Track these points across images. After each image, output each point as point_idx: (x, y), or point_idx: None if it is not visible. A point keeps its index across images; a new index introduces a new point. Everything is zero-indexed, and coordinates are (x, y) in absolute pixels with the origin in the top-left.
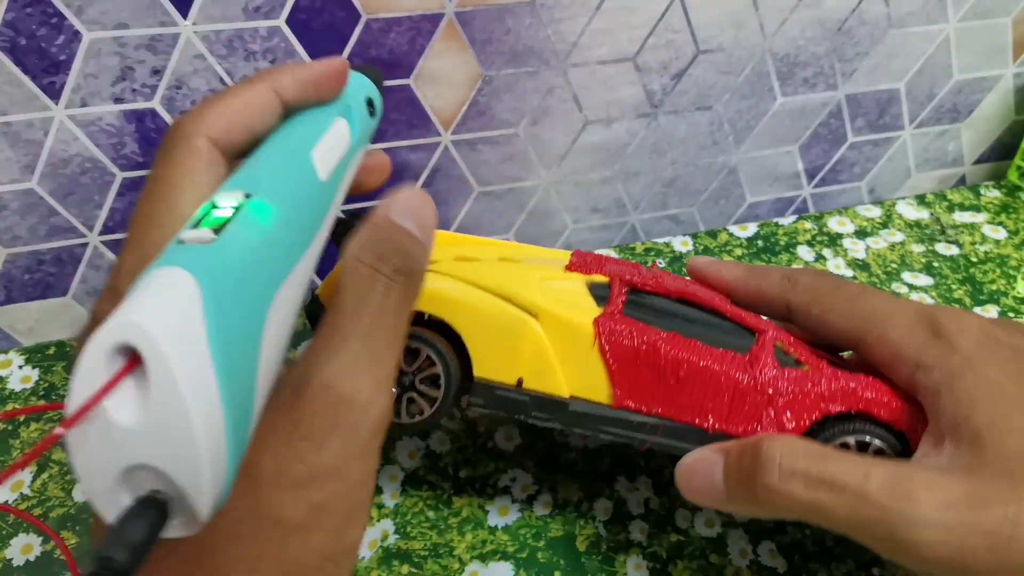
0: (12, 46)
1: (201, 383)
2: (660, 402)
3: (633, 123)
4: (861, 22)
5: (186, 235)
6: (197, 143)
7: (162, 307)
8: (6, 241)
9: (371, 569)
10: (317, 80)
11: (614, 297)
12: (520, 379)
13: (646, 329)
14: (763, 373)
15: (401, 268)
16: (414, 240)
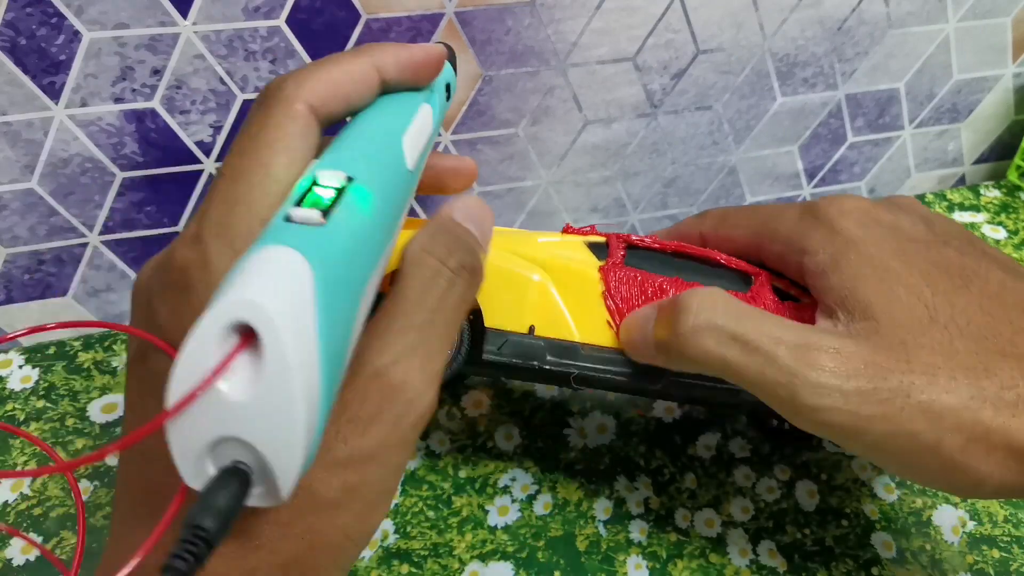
0: (12, 46)
1: (309, 367)
2: None
3: (633, 123)
4: (861, 22)
5: (295, 213)
6: (298, 107)
7: (280, 288)
8: (6, 241)
9: (371, 569)
10: (418, 65)
11: (613, 251)
12: (532, 326)
13: (649, 276)
14: (766, 306)
15: (466, 264)
16: (475, 241)
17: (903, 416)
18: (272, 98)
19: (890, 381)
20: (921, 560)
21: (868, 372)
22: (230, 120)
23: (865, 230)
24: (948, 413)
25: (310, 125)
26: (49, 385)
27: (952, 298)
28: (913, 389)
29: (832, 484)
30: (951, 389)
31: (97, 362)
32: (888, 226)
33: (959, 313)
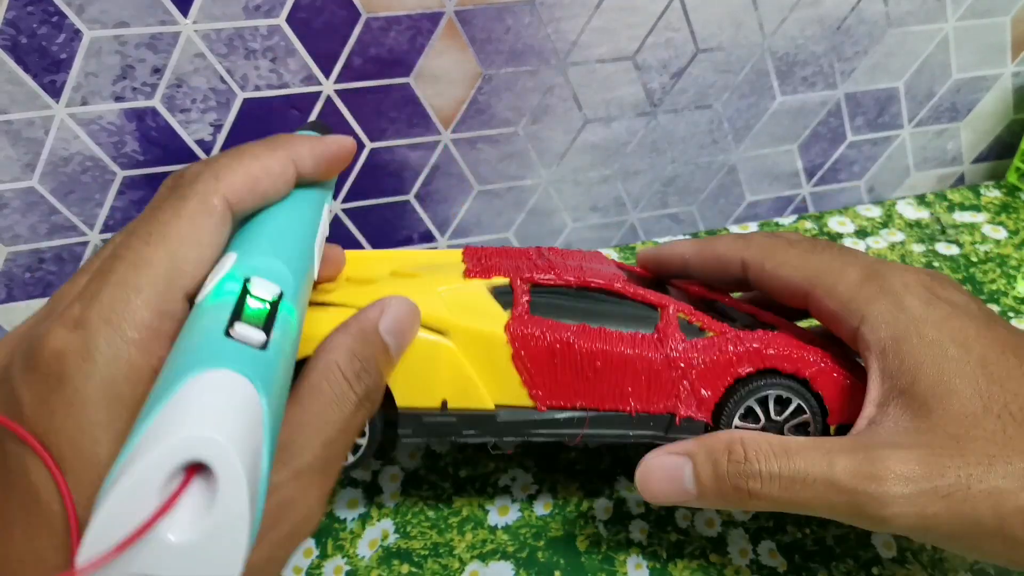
0: (13, 45)
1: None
2: (582, 396)
3: (633, 122)
4: (860, 21)
5: (239, 330)
6: (214, 201)
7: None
8: (7, 239)
9: (371, 568)
10: (332, 159)
11: (518, 298)
12: (444, 401)
13: (556, 326)
14: (673, 348)
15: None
16: (390, 361)
17: (966, 507)
18: (189, 188)
19: (948, 477)
20: (922, 560)
21: (926, 472)
22: (230, 119)
23: (928, 308)
24: (1008, 497)
25: (225, 221)
26: None
27: (1006, 383)
28: (972, 480)
29: None
30: (1008, 474)
31: None
32: (947, 303)
33: (1012, 399)
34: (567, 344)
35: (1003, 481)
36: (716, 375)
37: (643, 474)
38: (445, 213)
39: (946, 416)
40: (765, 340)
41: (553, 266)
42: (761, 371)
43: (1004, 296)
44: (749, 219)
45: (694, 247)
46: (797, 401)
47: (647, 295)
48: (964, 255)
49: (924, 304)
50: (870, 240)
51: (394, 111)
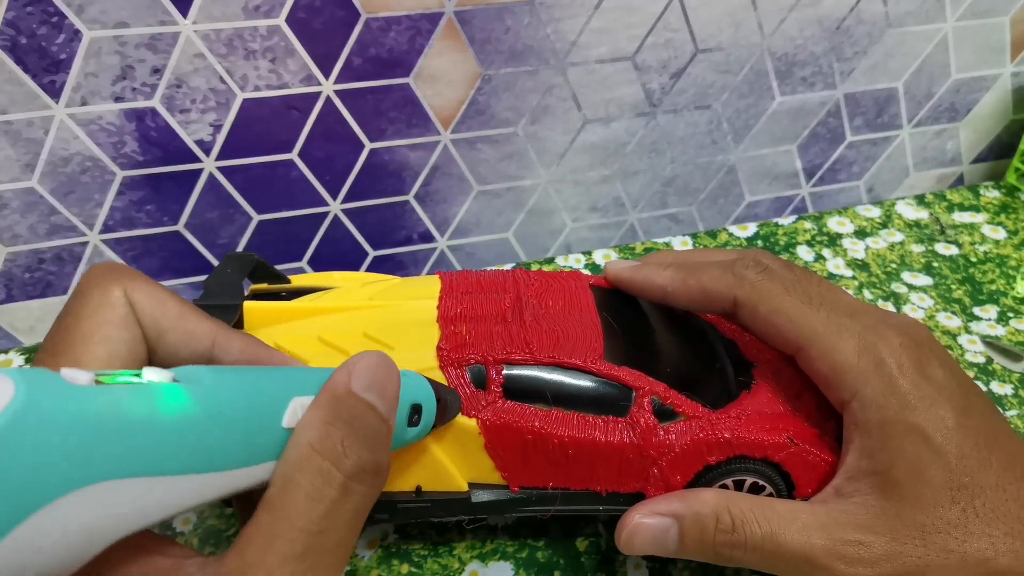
0: (13, 45)
1: None
2: (553, 477)
3: (632, 122)
4: (859, 21)
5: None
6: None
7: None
8: (7, 240)
9: (371, 568)
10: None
11: (491, 381)
12: (418, 486)
13: (528, 415)
14: (644, 436)
15: (366, 464)
16: (379, 419)
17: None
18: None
19: (907, 565)
20: None
21: (889, 559)
22: (230, 119)
23: (916, 393)
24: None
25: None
26: None
27: (977, 477)
28: (928, 571)
29: None
30: (959, 567)
31: None
32: (934, 385)
33: (979, 493)
34: (539, 434)
35: (955, 574)
36: (687, 462)
37: (628, 534)
38: (445, 213)
39: (916, 504)
40: (736, 428)
41: (528, 337)
42: (731, 457)
43: (1004, 296)
44: (748, 219)
45: (678, 279)
46: (763, 484)
47: (621, 375)
48: (963, 255)
49: (914, 387)
50: (869, 240)
51: (394, 111)
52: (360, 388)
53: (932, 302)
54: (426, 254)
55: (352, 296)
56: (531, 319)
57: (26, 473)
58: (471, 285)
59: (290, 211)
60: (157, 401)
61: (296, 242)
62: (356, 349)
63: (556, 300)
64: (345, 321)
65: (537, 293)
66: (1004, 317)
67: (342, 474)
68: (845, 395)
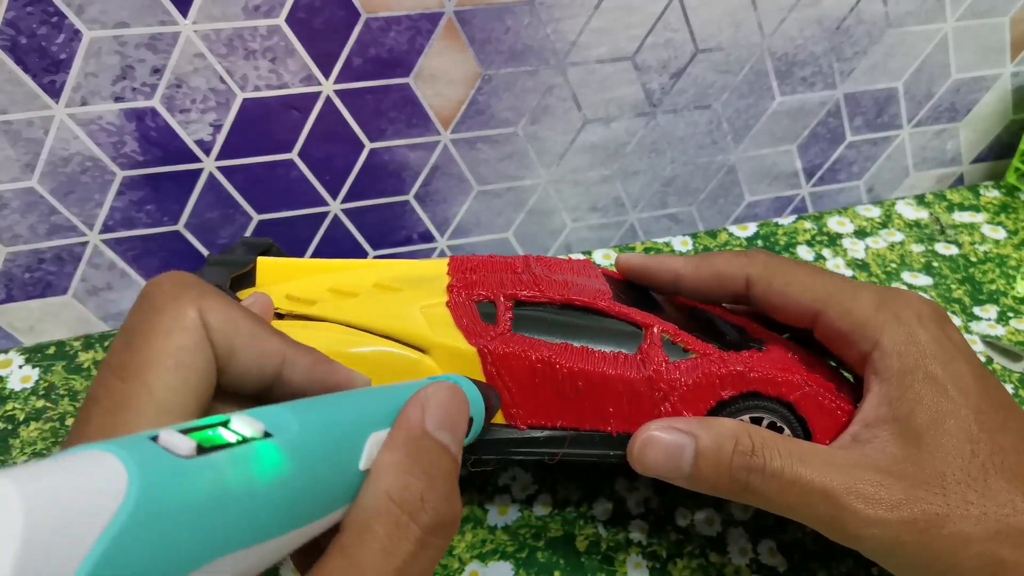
0: (13, 45)
1: None
2: (562, 415)
3: (632, 122)
4: (859, 21)
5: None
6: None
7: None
8: (6, 240)
9: None
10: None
11: (501, 315)
12: None
13: (537, 345)
14: (655, 370)
15: (443, 519)
16: (452, 462)
17: (935, 544)
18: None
19: (927, 512)
20: None
21: (909, 503)
22: (230, 119)
23: (937, 346)
24: (974, 544)
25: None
26: (49, 385)
27: (995, 435)
28: (947, 521)
29: None
30: (979, 521)
31: (97, 362)
32: (952, 343)
33: (998, 451)
34: (548, 363)
35: (974, 528)
36: (698, 397)
37: (641, 445)
38: (445, 213)
39: (936, 452)
40: (749, 362)
41: (539, 281)
42: (744, 393)
43: (1004, 296)
44: (748, 219)
45: (691, 263)
46: (780, 424)
47: (631, 314)
48: (963, 255)
49: (934, 341)
50: (869, 240)
51: (394, 111)
52: (434, 427)
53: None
54: (426, 254)
55: (360, 276)
56: (542, 272)
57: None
58: (479, 263)
59: (290, 211)
60: (255, 467)
61: (296, 242)
62: (366, 294)
63: (564, 271)
64: (356, 274)
65: (546, 264)
66: (1004, 317)
67: (420, 528)
68: (866, 346)
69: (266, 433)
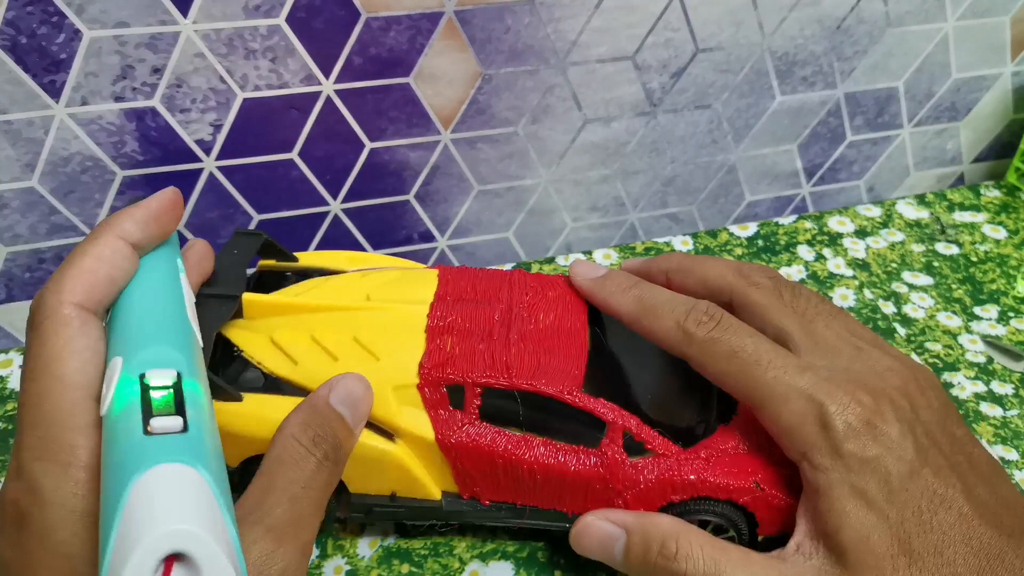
0: (13, 45)
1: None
2: (522, 497)
3: (632, 121)
4: (860, 21)
5: (156, 424)
6: (65, 312)
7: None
8: (7, 239)
9: (371, 568)
10: (157, 216)
11: (468, 403)
12: (393, 492)
13: (500, 438)
14: (611, 470)
15: (330, 455)
16: (346, 429)
17: None
18: (39, 315)
19: None
20: None
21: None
22: (230, 118)
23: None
24: None
25: (85, 321)
26: None
27: (915, 542)
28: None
29: None
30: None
31: None
32: (882, 445)
33: (916, 559)
34: (510, 458)
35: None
36: (650, 498)
37: (579, 531)
38: (445, 213)
39: (858, 567)
40: (703, 469)
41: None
42: (695, 497)
43: (1004, 296)
44: (749, 219)
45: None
46: (726, 526)
47: (596, 408)
48: (964, 255)
49: (859, 449)
50: (870, 240)
51: (394, 111)
52: (336, 401)
53: (932, 302)
54: (426, 254)
55: (349, 292)
56: (517, 337)
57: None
58: (465, 290)
59: (290, 211)
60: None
61: (296, 242)
62: (345, 353)
63: (548, 313)
64: (338, 322)
65: (530, 305)
66: (1005, 317)
67: (316, 456)
68: (795, 456)
69: (179, 374)
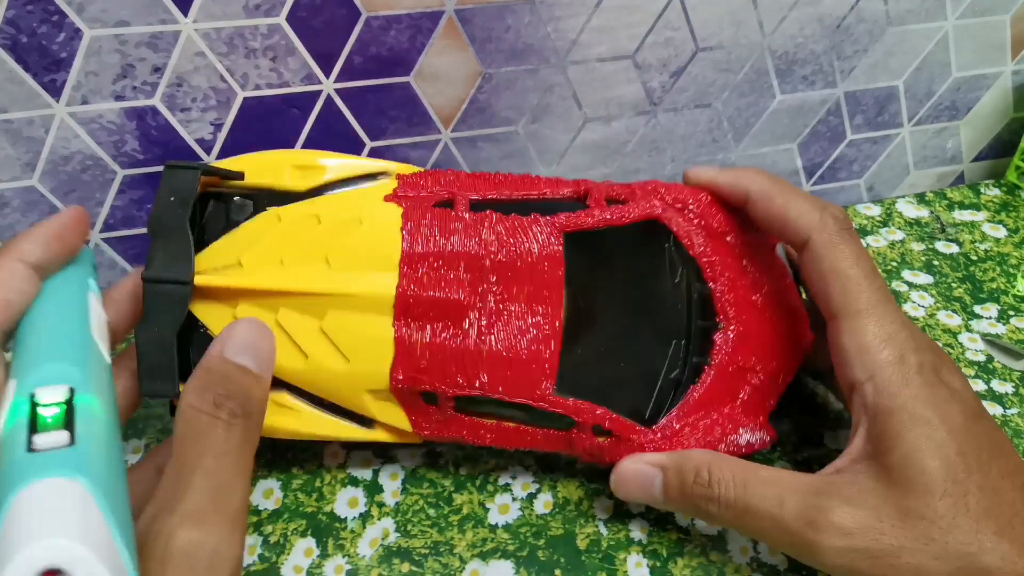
0: (13, 44)
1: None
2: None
3: (632, 120)
4: (860, 19)
5: (39, 441)
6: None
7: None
8: (7, 239)
9: (371, 567)
10: (59, 235)
11: (442, 404)
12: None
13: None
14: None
15: (238, 411)
16: (250, 377)
17: (889, 572)
18: None
19: (882, 543)
20: None
21: (863, 533)
22: (231, 118)
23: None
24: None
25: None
26: None
27: (972, 476)
28: (904, 552)
29: None
30: (938, 556)
31: None
32: (947, 387)
33: (973, 491)
34: (483, 438)
35: (932, 562)
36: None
37: (619, 476)
38: None
39: (906, 489)
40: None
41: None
42: None
43: (1004, 295)
44: None
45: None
46: None
47: (568, 410)
48: (964, 253)
49: (928, 386)
50: (870, 239)
51: (394, 110)
52: (232, 353)
53: (932, 300)
54: None
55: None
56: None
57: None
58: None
59: None
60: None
61: None
62: (313, 350)
63: (522, 286)
64: (303, 307)
65: (503, 279)
66: (1004, 315)
67: (220, 419)
68: (861, 375)
69: (71, 389)
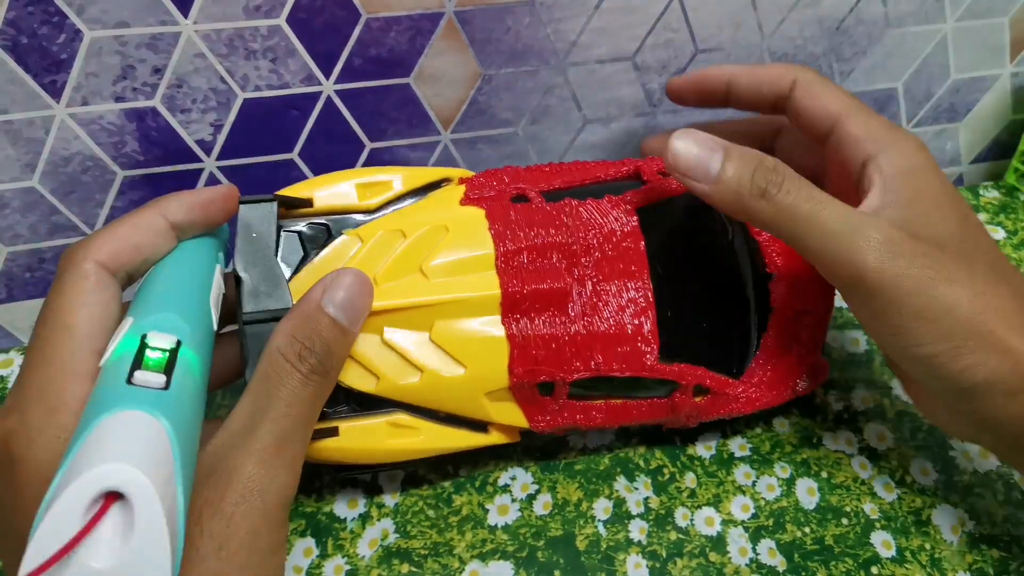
0: (13, 45)
1: (175, 522)
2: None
3: (632, 122)
4: (859, 21)
5: (139, 376)
6: (86, 266)
7: (145, 453)
8: (7, 239)
9: (371, 568)
10: (204, 204)
11: (558, 392)
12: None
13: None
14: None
15: (318, 368)
16: (338, 331)
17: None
18: (62, 267)
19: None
20: (920, 559)
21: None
22: (231, 119)
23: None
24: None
25: (102, 280)
26: None
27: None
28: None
29: (832, 482)
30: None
31: None
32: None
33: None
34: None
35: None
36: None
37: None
38: None
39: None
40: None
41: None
42: None
43: None
44: None
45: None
46: None
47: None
48: None
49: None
50: None
51: (394, 111)
52: (330, 305)
53: None
54: None
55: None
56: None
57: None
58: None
59: None
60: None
61: None
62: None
63: (613, 265)
64: (408, 326)
65: (594, 261)
66: None
67: (301, 372)
68: (874, 149)
69: (178, 341)
